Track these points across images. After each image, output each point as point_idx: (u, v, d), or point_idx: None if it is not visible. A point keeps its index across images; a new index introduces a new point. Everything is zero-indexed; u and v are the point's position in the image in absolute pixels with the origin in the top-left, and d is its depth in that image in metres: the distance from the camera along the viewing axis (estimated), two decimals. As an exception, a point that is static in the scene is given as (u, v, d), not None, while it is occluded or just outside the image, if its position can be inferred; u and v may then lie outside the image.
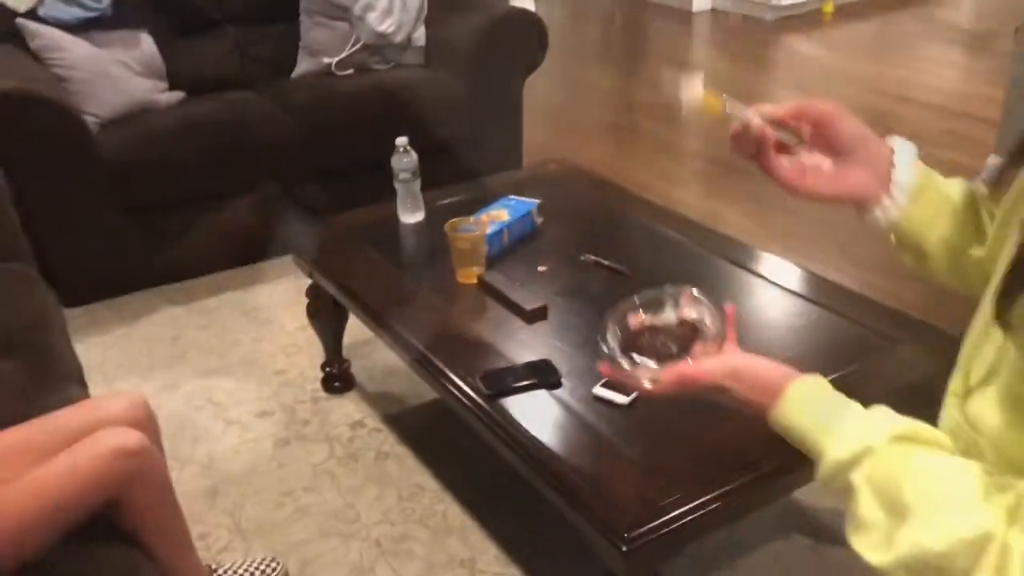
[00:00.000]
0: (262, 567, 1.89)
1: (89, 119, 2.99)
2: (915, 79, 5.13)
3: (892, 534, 0.63)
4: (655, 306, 0.87)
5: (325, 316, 2.45)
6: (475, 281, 2.05)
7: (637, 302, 0.88)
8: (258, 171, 3.15)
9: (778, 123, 0.82)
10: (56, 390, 1.80)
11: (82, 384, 1.89)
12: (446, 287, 2.06)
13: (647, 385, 0.81)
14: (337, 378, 2.53)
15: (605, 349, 0.84)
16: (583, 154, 4.08)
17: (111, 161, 2.92)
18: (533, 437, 1.53)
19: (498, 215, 2.23)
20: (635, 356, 0.81)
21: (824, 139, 0.82)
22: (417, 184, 2.35)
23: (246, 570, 1.88)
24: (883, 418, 0.70)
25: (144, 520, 1.46)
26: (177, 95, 3.34)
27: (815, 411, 0.73)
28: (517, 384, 1.66)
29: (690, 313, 0.86)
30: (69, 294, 2.80)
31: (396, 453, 2.28)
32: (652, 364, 0.80)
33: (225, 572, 1.86)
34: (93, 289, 3.04)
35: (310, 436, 2.36)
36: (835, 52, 5.88)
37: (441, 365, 1.77)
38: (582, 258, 2.13)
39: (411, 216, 2.37)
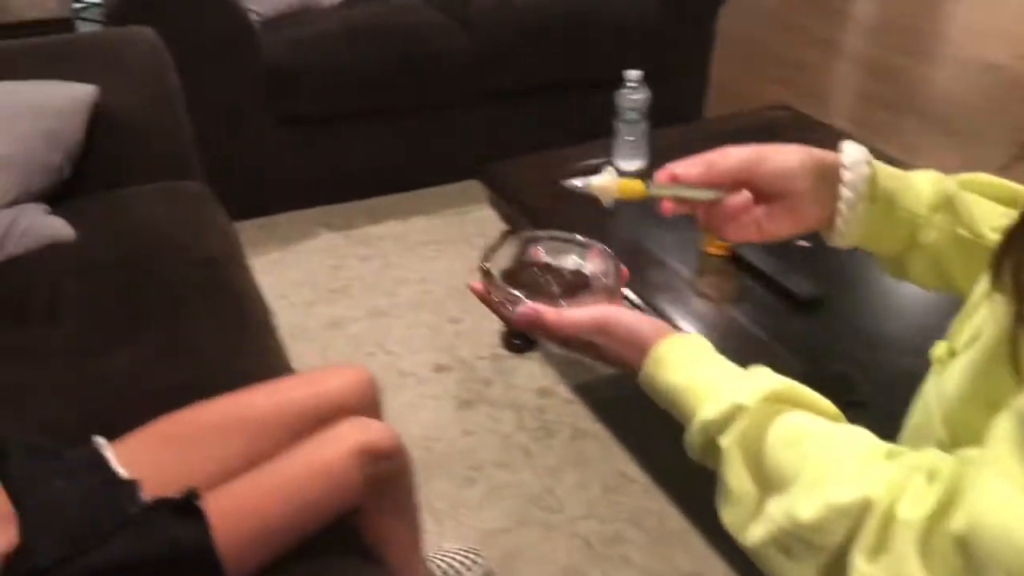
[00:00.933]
0: (463, 560, 1.66)
1: (250, 15, 2.71)
2: None
3: (762, 506, 0.57)
4: (560, 250, 0.79)
5: (519, 267, 2.17)
6: (725, 253, 1.74)
7: (544, 237, 0.79)
8: (426, 87, 2.85)
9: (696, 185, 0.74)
10: (253, 343, 1.57)
11: (273, 333, 1.65)
12: (685, 255, 1.76)
13: (509, 314, 0.72)
14: (520, 335, 2.26)
15: (487, 266, 0.74)
16: (765, 97, 3.68)
17: (272, 64, 2.65)
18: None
19: (743, 172, 1.90)
20: (511, 288, 0.72)
21: (751, 188, 0.73)
22: (644, 126, 2.03)
23: (443, 560, 1.66)
24: (759, 376, 0.63)
25: (384, 528, 1.23)
26: (340, -6, 3.04)
27: (687, 369, 0.64)
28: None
29: (589, 267, 0.77)
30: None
31: (594, 432, 2.02)
32: (521, 296, 0.71)
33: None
34: (244, 205, 2.80)
35: (495, 400, 2.11)
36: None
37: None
38: (850, 235, 1.79)
39: (630, 162, 2.05)
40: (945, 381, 0.62)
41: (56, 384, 1.42)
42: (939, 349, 0.66)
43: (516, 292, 0.71)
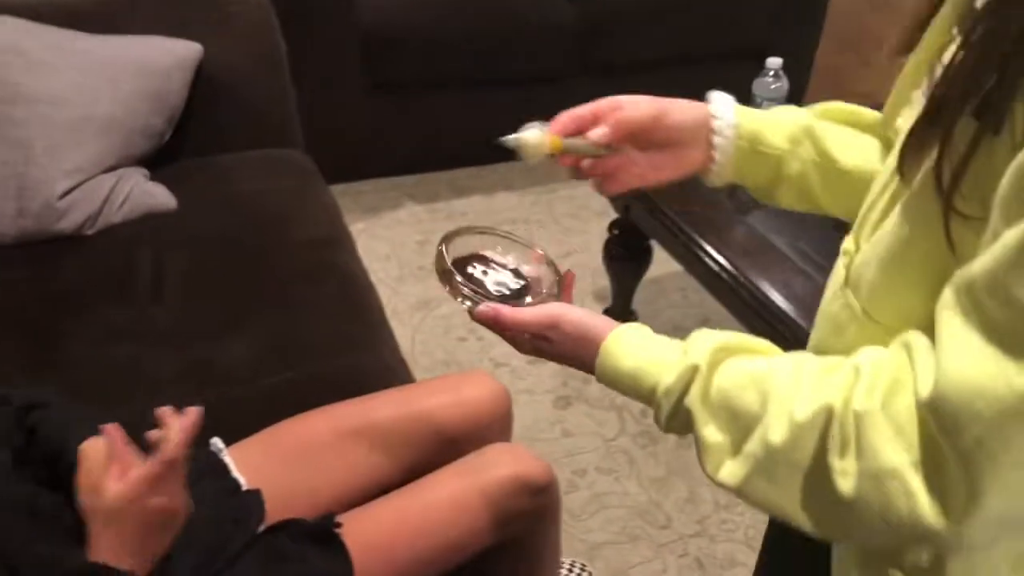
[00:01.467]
0: (572, 574, 1.57)
1: (346, -27, 2.58)
2: None
3: (740, 447, 0.60)
4: (503, 249, 0.85)
5: (627, 259, 2.05)
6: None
7: (489, 233, 0.86)
8: (525, 57, 2.71)
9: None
10: (367, 335, 1.47)
11: (385, 323, 1.55)
12: (829, 256, 1.62)
13: (466, 306, 0.77)
14: (620, 329, 2.14)
15: (448, 266, 0.79)
16: (865, 84, 3.48)
17: (368, 27, 2.52)
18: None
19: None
20: (461, 279, 0.78)
21: (651, 137, 0.80)
22: (779, 119, 1.87)
23: (549, 573, 1.56)
24: (702, 337, 0.66)
25: (525, 565, 1.13)
26: (435, -46, 2.88)
27: (638, 352, 0.68)
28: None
29: (529, 270, 0.84)
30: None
31: (701, 441, 1.91)
32: (475, 289, 0.78)
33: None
34: (327, 169, 2.69)
35: (594, 400, 2.00)
36: None
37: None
38: None
39: (759, 156, 1.90)
40: (859, 270, 0.64)
41: (165, 371, 1.33)
42: (847, 243, 0.69)
43: (478, 289, 0.77)
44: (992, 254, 0.49)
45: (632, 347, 0.68)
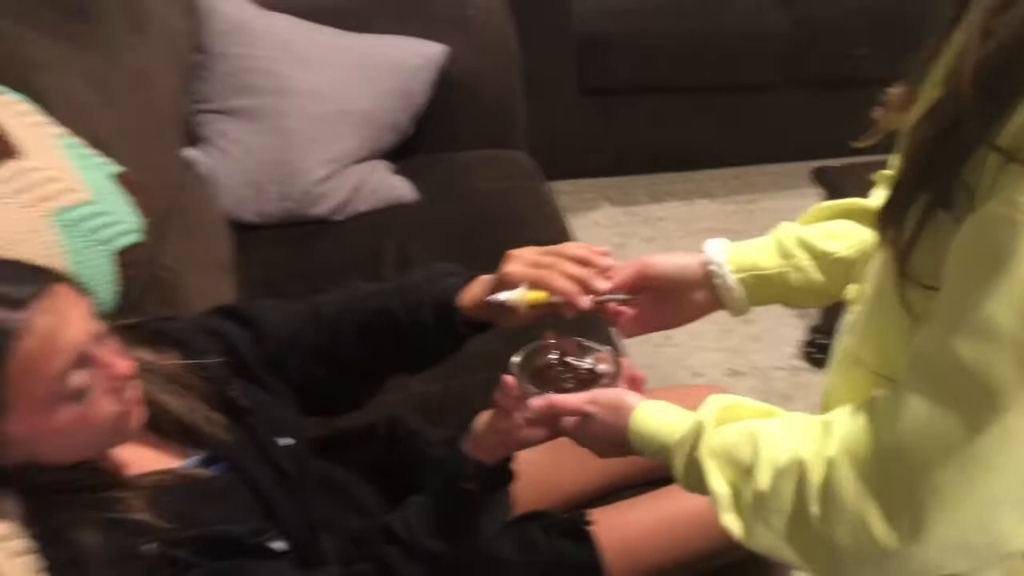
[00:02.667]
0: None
1: (563, -22, 2.64)
2: None
3: (740, 498, 0.68)
4: (581, 352, 0.94)
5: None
6: None
7: (571, 341, 0.94)
8: (737, 66, 2.68)
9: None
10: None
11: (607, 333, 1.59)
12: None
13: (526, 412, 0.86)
14: (823, 349, 2.11)
15: (515, 366, 0.90)
16: None
17: (582, 31, 2.57)
18: None
19: None
20: (529, 384, 0.88)
21: (651, 288, 0.93)
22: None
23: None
24: (712, 400, 0.75)
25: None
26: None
27: (661, 416, 0.78)
28: None
29: (602, 367, 0.92)
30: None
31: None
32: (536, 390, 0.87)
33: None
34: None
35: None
36: None
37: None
38: None
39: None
40: (857, 316, 0.72)
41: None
42: (850, 291, 0.77)
43: (531, 387, 0.87)
44: (939, 322, 0.56)
45: (658, 413, 0.78)
